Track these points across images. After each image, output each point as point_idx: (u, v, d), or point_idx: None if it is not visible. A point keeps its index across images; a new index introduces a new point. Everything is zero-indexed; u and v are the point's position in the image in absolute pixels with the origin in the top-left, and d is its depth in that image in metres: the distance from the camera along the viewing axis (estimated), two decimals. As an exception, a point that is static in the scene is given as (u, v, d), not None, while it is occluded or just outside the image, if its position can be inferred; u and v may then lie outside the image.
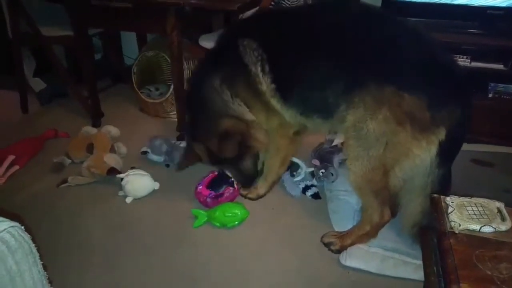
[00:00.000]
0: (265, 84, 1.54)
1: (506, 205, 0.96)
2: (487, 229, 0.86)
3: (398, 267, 1.49)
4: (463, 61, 2.27)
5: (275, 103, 1.57)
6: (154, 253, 1.62)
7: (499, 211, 0.91)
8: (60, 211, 1.85)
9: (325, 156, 2.07)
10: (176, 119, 2.46)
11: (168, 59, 2.61)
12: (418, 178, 1.41)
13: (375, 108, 1.33)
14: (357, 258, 1.52)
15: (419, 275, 1.45)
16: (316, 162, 2.04)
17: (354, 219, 1.73)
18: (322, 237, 1.66)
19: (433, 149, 1.33)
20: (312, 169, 2.05)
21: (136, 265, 1.57)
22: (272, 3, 2.05)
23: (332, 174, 1.96)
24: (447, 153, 1.36)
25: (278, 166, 1.86)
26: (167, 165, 2.15)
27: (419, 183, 1.42)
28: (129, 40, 3.25)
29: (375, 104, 1.33)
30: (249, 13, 2.12)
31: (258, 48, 1.52)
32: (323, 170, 1.98)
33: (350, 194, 1.88)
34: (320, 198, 1.94)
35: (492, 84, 2.33)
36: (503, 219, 0.88)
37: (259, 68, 1.52)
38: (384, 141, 1.35)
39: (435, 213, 0.94)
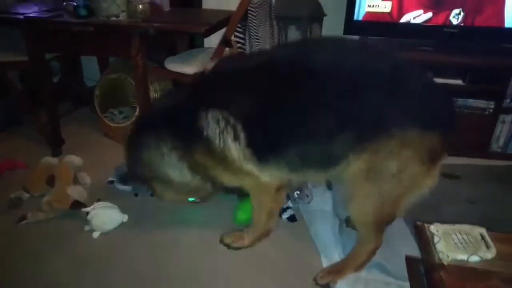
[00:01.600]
0: (237, 151, 1.43)
1: (478, 224, 0.97)
2: (474, 259, 0.86)
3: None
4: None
5: (249, 167, 1.46)
6: (127, 292, 1.52)
7: (483, 237, 0.92)
8: (20, 251, 1.70)
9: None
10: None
11: (132, 82, 2.52)
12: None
13: (398, 150, 1.27)
14: (344, 284, 1.50)
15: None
16: None
17: (337, 241, 1.72)
18: (317, 279, 1.55)
19: (438, 174, 1.36)
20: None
21: (108, 307, 1.46)
22: (239, 25, 2.03)
23: (308, 195, 1.95)
24: None
25: (265, 220, 1.70)
26: (136, 195, 2.05)
27: None
28: (89, 61, 3.12)
29: (398, 146, 1.27)
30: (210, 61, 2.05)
31: (228, 116, 1.39)
32: (298, 192, 1.96)
33: (326, 215, 1.87)
34: (296, 220, 1.90)
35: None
36: (487, 246, 0.89)
37: (229, 139, 1.41)
38: (401, 177, 1.31)
39: (420, 242, 0.93)
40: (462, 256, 0.86)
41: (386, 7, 2.40)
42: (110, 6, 2.04)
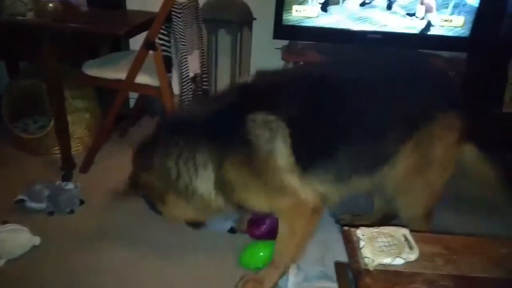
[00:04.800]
0: (283, 159, 1.32)
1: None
2: (398, 261, 0.85)
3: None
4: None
5: (291, 180, 1.34)
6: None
7: (406, 238, 0.91)
8: None
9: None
10: (60, 156, 2.15)
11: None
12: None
13: (442, 134, 1.38)
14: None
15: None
16: None
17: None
18: None
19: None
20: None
21: None
22: (163, 27, 1.92)
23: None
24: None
25: (293, 252, 1.46)
26: (51, 213, 1.84)
27: None
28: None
29: (442, 130, 1.38)
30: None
31: (278, 121, 1.31)
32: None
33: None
34: (236, 232, 1.81)
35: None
36: (410, 247, 0.89)
37: (279, 144, 1.31)
38: (445, 161, 1.41)
39: (347, 248, 0.91)
40: (387, 260, 0.85)
41: (313, 12, 2.44)
42: (15, 3, 1.83)
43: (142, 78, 2.01)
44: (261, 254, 1.58)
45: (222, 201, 1.44)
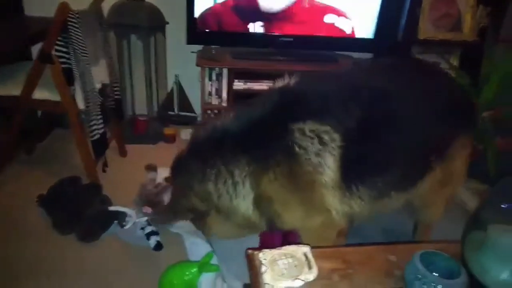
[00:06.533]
0: (330, 175, 1.23)
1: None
2: (297, 284, 0.86)
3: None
4: (269, 85, 2.44)
5: (332, 195, 1.26)
6: None
7: (306, 257, 0.93)
8: None
9: (154, 200, 1.89)
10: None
11: None
12: None
13: (461, 151, 1.48)
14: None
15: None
16: (148, 209, 1.82)
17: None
18: None
19: None
20: (146, 218, 1.82)
21: None
22: (60, 38, 1.76)
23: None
24: None
25: None
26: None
27: None
28: None
29: (462, 148, 1.48)
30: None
31: (332, 132, 1.22)
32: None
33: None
34: (162, 248, 1.74)
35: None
36: (310, 266, 0.90)
37: (329, 159, 1.22)
38: (461, 176, 1.56)
39: (250, 274, 0.90)
40: (286, 284, 0.86)
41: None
42: None
43: (40, 94, 1.86)
44: (186, 278, 1.50)
45: (258, 216, 1.35)
